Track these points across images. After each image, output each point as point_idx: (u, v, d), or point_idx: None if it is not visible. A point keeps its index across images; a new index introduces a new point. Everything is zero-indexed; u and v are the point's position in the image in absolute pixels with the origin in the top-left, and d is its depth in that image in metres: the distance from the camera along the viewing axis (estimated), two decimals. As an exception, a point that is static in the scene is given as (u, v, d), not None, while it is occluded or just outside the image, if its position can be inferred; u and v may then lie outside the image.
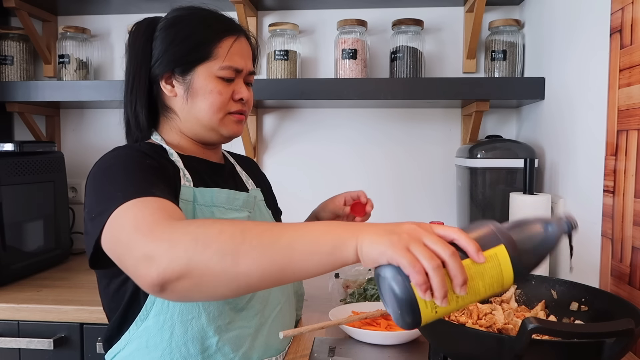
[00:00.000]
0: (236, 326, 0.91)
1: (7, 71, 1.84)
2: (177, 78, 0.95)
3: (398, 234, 0.61)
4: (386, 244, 0.60)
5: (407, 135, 1.88)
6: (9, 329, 1.32)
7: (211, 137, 0.99)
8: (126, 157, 0.86)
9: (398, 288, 0.60)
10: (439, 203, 1.87)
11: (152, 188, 0.76)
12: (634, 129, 1.00)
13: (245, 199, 0.98)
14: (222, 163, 1.08)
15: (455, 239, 0.62)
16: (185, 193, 0.90)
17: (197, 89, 0.94)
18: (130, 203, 0.72)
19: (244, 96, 0.98)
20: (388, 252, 0.59)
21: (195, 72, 0.94)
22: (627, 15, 1.03)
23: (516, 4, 1.78)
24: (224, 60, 0.95)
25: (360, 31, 1.69)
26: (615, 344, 0.64)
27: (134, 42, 0.97)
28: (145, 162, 0.85)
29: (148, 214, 0.70)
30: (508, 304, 0.95)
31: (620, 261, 1.04)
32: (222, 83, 0.95)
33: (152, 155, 0.90)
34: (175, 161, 0.94)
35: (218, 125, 0.97)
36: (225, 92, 0.96)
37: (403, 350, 1.01)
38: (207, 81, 0.94)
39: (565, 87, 1.38)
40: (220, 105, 0.95)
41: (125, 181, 0.78)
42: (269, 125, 1.93)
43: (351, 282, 1.34)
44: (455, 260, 0.59)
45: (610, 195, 1.08)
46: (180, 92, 0.96)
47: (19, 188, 1.52)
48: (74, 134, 2.00)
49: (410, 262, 0.58)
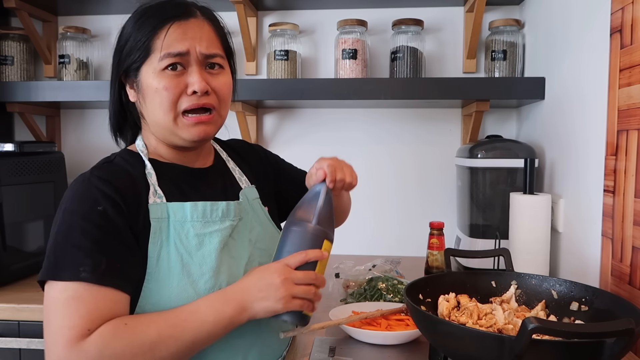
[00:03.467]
0: (227, 344, 0.88)
1: (8, 71, 1.84)
2: (132, 83, 0.91)
3: (276, 286, 0.82)
4: (277, 305, 0.83)
5: (407, 135, 1.88)
6: (10, 329, 1.32)
7: (177, 141, 0.91)
8: (75, 209, 0.82)
9: (299, 320, 0.87)
10: (439, 203, 1.87)
11: (82, 265, 0.78)
12: (634, 129, 1.00)
13: (225, 209, 0.92)
14: (207, 166, 1.00)
15: (308, 259, 0.86)
16: (157, 211, 0.86)
17: (144, 89, 0.88)
18: (63, 295, 0.77)
19: (195, 87, 0.86)
20: (281, 308, 0.83)
21: (141, 72, 0.88)
22: (627, 15, 1.03)
23: (516, 4, 1.78)
24: (161, 49, 0.85)
25: (360, 31, 1.69)
26: (616, 344, 0.64)
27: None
28: (92, 217, 0.81)
29: (70, 325, 0.75)
30: (508, 304, 0.95)
31: (620, 261, 1.04)
32: (169, 77, 0.86)
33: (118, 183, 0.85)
34: (148, 174, 0.90)
35: (173, 127, 0.88)
36: (172, 86, 0.86)
37: (403, 350, 1.01)
38: (152, 79, 0.86)
39: (565, 87, 1.38)
40: (169, 103, 0.86)
41: (61, 249, 0.80)
42: (269, 125, 1.93)
43: (351, 282, 1.34)
44: (320, 278, 0.87)
45: (611, 195, 1.08)
46: (135, 96, 0.91)
47: (19, 188, 1.52)
48: (74, 134, 2.00)
49: (300, 306, 0.85)
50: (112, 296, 0.79)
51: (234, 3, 1.66)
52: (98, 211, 0.81)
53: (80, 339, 0.75)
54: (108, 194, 0.83)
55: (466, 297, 0.94)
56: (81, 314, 0.76)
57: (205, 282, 0.86)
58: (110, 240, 0.81)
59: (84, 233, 0.80)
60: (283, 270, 0.84)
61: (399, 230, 1.89)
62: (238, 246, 0.93)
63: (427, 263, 1.48)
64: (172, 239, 0.86)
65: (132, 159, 0.92)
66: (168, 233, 0.87)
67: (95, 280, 0.78)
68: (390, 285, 1.27)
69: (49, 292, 0.79)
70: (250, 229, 0.97)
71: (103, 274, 0.78)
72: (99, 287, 0.78)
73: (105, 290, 0.78)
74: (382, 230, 1.90)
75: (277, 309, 0.83)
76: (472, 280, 1.00)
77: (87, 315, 0.76)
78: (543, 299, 0.95)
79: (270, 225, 1.03)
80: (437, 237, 1.47)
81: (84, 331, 0.75)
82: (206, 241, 0.88)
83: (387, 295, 1.25)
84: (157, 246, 0.85)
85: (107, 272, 0.79)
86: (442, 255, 1.34)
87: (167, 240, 0.86)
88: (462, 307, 0.90)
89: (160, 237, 0.86)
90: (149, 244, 0.85)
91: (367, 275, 1.35)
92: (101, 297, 0.78)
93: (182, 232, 0.87)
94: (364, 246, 1.89)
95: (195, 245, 0.87)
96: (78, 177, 0.87)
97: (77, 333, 0.75)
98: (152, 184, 0.89)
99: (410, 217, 1.90)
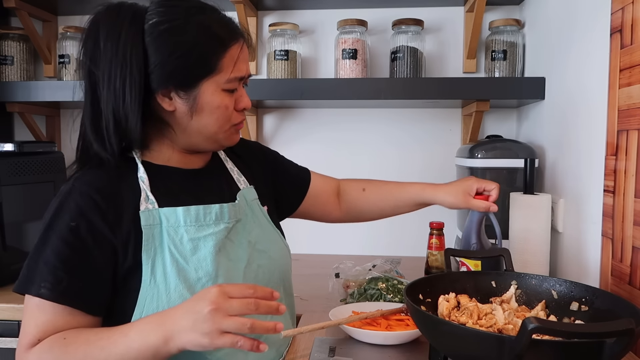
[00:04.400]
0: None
1: (7, 71, 1.84)
2: (179, 93, 0.86)
3: (203, 317, 0.70)
4: (203, 340, 0.71)
5: (407, 135, 1.88)
6: (9, 329, 1.32)
7: (209, 146, 0.95)
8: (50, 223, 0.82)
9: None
10: (439, 203, 1.87)
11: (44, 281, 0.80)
12: (634, 129, 1.00)
13: (218, 212, 0.90)
14: (201, 167, 0.98)
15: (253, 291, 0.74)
16: (148, 217, 0.85)
17: (202, 105, 0.87)
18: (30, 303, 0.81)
19: (247, 105, 0.93)
20: (208, 344, 0.71)
21: (201, 87, 0.86)
22: (627, 15, 1.03)
23: (516, 4, 1.78)
24: (232, 72, 0.88)
25: (360, 31, 1.69)
26: (616, 344, 0.64)
27: (118, 37, 0.82)
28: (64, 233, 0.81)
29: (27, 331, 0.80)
30: (508, 304, 0.95)
31: (620, 261, 1.04)
32: (228, 95, 0.89)
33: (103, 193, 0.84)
34: (140, 178, 0.88)
35: (223, 139, 0.93)
36: (230, 104, 0.90)
37: (403, 350, 1.01)
38: (214, 96, 0.87)
39: (565, 87, 1.38)
40: (226, 119, 0.90)
41: (31, 262, 0.83)
42: (269, 125, 1.93)
43: (351, 282, 1.34)
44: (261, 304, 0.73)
45: (611, 195, 1.08)
46: (181, 107, 0.87)
47: (19, 188, 1.51)
48: (74, 134, 1.99)
49: (232, 343, 0.71)
50: (69, 314, 0.81)
51: (234, 3, 1.66)
52: (70, 227, 0.82)
53: (29, 347, 0.79)
54: (85, 209, 0.82)
55: (466, 297, 0.94)
56: (37, 323, 0.80)
57: (202, 287, 0.85)
58: (77, 259, 0.82)
59: (53, 250, 0.81)
60: (216, 298, 0.71)
61: (399, 230, 1.89)
62: (236, 248, 0.93)
63: (427, 263, 1.47)
64: (165, 244, 0.85)
65: (125, 163, 0.90)
66: (161, 239, 0.86)
67: (53, 298, 0.80)
68: (390, 285, 1.27)
69: (24, 300, 0.83)
70: (249, 231, 0.96)
71: (62, 292, 0.80)
72: (56, 305, 0.80)
73: (62, 308, 0.80)
74: (382, 230, 1.90)
75: (205, 345, 0.71)
76: (472, 280, 1.00)
77: (42, 326, 0.80)
78: (543, 299, 0.95)
79: (270, 226, 1.03)
80: (437, 237, 1.47)
81: (34, 340, 0.79)
82: (201, 245, 0.87)
83: (387, 295, 1.25)
84: (151, 253, 0.84)
85: (67, 290, 0.80)
86: (442, 255, 1.34)
87: (160, 247, 0.85)
88: (462, 307, 0.90)
89: (154, 243, 0.85)
90: (142, 251, 0.84)
91: (367, 275, 1.34)
92: (59, 313, 0.80)
93: (176, 237, 0.86)
94: (364, 246, 1.89)
95: (190, 249, 0.86)
96: (62, 187, 0.87)
97: (29, 341, 0.79)
98: (144, 189, 0.87)
99: (410, 217, 1.88)
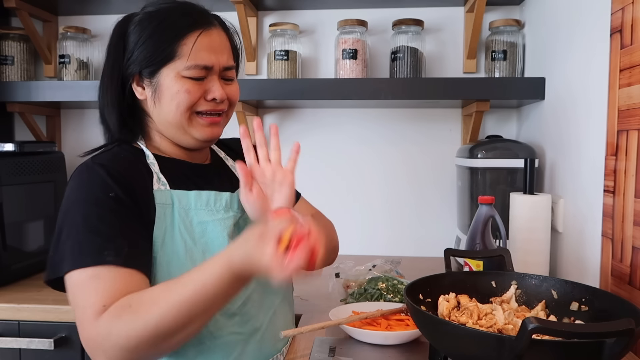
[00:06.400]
0: (227, 332, 0.90)
1: (8, 71, 1.84)
2: (145, 80, 0.91)
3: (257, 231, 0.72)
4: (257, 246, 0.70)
5: (407, 135, 1.88)
6: (10, 329, 1.32)
7: (187, 140, 0.94)
8: (86, 198, 0.82)
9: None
10: (439, 203, 1.87)
11: (106, 250, 0.78)
12: (634, 129, 1.00)
13: (228, 200, 0.94)
14: (206, 163, 1.03)
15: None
16: (162, 197, 0.88)
17: (163, 90, 0.89)
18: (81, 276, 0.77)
19: (216, 95, 0.91)
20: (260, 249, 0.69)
21: (161, 73, 0.89)
22: (628, 15, 1.03)
23: (516, 4, 1.78)
24: (188, 58, 0.88)
25: (360, 31, 1.69)
26: (616, 344, 0.64)
27: (109, 40, 0.94)
28: (106, 203, 0.81)
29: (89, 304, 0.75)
30: (508, 304, 0.95)
31: (620, 261, 1.04)
32: (191, 82, 0.89)
33: (121, 169, 0.86)
34: (150, 164, 0.91)
35: (187, 126, 0.91)
36: (194, 91, 0.90)
37: (403, 350, 1.01)
38: (173, 82, 0.89)
39: (565, 87, 1.38)
40: (187, 105, 0.89)
41: (80, 237, 0.79)
42: (269, 125, 1.92)
43: (351, 282, 1.34)
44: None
45: (611, 195, 1.08)
46: (148, 94, 0.91)
47: (20, 188, 1.52)
48: (74, 134, 2.00)
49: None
50: (130, 276, 0.78)
51: (234, 3, 1.66)
52: (110, 197, 0.82)
53: (98, 316, 0.74)
54: (117, 179, 0.84)
55: (466, 297, 0.94)
56: (98, 291, 0.76)
57: None
58: (127, 225, 0.82)
59: (101, 219, 0.80)
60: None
61: (399, 230, 1.89)
62: None
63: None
64: (176, 225, 0.88)
65: (133, 150, 0.93)
66: (173, 219, 0.88)
67: (120, 263, 0.78)
68: (390, 285, 1.27)
69: (68, 282, 0.79)
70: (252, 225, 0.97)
71: (127, 257, 0.78)
72: (124, 269, 0.78)
73: (124, 272, 0.78)
74: (382, 230, 1.90)
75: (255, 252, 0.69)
76: (472, 280, 1.00)
77: (105, 292, 0.75)
78: (543, 299, 0.95)
79: None
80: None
81: (100, 308, 0.74)
82: (209, 229, 0.90)
83: (387, 295, 1.25)
84: (162, 231, 0.86)
85: (130, 255, 0.79)
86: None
87: (171, 226, 0.88)
88: (462, 307, 0.90)
89: (165, 222, 0.87)
90: (155, 228, 0.86)
91: (367, 275, 1.34)
92: (119, 278, 0.77)
93: (186, 219, 0.89)
94: (364, 246, 1.89)
95: (198, 232, 0.89)
96: (78, 167, 0.88)
97: (95, 310, 0.74)
98: (155, 172, 0.90)
99: (410, 217, 1.90)
